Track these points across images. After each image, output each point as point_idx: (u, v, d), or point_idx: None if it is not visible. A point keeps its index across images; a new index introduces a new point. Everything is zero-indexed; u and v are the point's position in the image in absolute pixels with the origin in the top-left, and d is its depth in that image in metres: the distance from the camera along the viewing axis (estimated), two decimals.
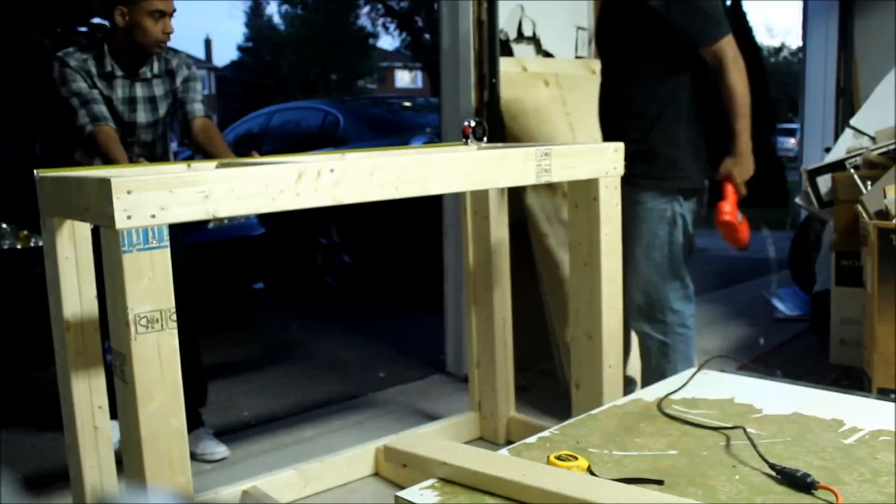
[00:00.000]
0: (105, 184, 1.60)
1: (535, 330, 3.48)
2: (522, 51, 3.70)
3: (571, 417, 1.85)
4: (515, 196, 3.32)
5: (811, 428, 1.61)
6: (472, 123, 2.59)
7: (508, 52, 3.62)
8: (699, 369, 1.96)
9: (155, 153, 2.84)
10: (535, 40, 3.75)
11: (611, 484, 1.34)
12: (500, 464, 1.41)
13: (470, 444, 2.81)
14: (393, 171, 2.00)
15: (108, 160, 2.54)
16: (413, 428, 3.00)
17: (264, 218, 4.73)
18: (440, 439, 1.56)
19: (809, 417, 1.67)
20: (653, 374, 2.71)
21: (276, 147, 6.32)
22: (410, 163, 2.05)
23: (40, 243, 2.02)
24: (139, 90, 2.74)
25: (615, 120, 2.76)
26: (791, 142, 19.72)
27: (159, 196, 1.64)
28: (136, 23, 2.59)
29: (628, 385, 2.87)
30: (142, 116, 2.76)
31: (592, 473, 1.41)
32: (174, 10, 2.65)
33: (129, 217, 1.60)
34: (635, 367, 3.04)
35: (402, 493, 1.38)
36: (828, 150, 4.50)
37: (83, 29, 4.71)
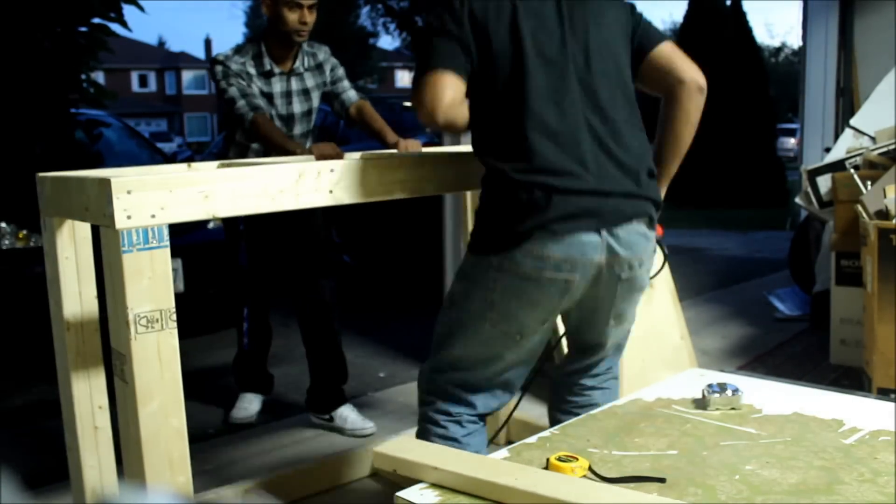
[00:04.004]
0: (105, 184, 1.60)
1: None
2: None
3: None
4: None
5: (811, 428, 1.61)
6: None
7: None
8: None
9: (306, 142, 3.06)
10: None
11: (605, 488, 1.34)
12: (493, 468, 1.40)
13: None
14: (393, 171, 2.00)
15: (269, 141, 2.74)
16: (412, 428, 3.00)
17: None
18: (432, 443, 1.56)
19: (809, 417, 1.67)
20: None
21: None
22: (410, 163, 2.05)
23: (40, 243, 2.02)
24: (294, 84, 3.00)
25: None
26: (791, 142, 19.72)
27: (159, 196, 1.64)
28: (276, 13, 2.87)
29: None
30: (297, 107, 3.01)
31: (594, 473, 1.41)
32: (313, 4, 2.89)
33: (129, 217, 1.60)
34: None
35: (402, 493, 1.38)
36: (828, 150, 4.50)
37: (83, 29, 4.69)
